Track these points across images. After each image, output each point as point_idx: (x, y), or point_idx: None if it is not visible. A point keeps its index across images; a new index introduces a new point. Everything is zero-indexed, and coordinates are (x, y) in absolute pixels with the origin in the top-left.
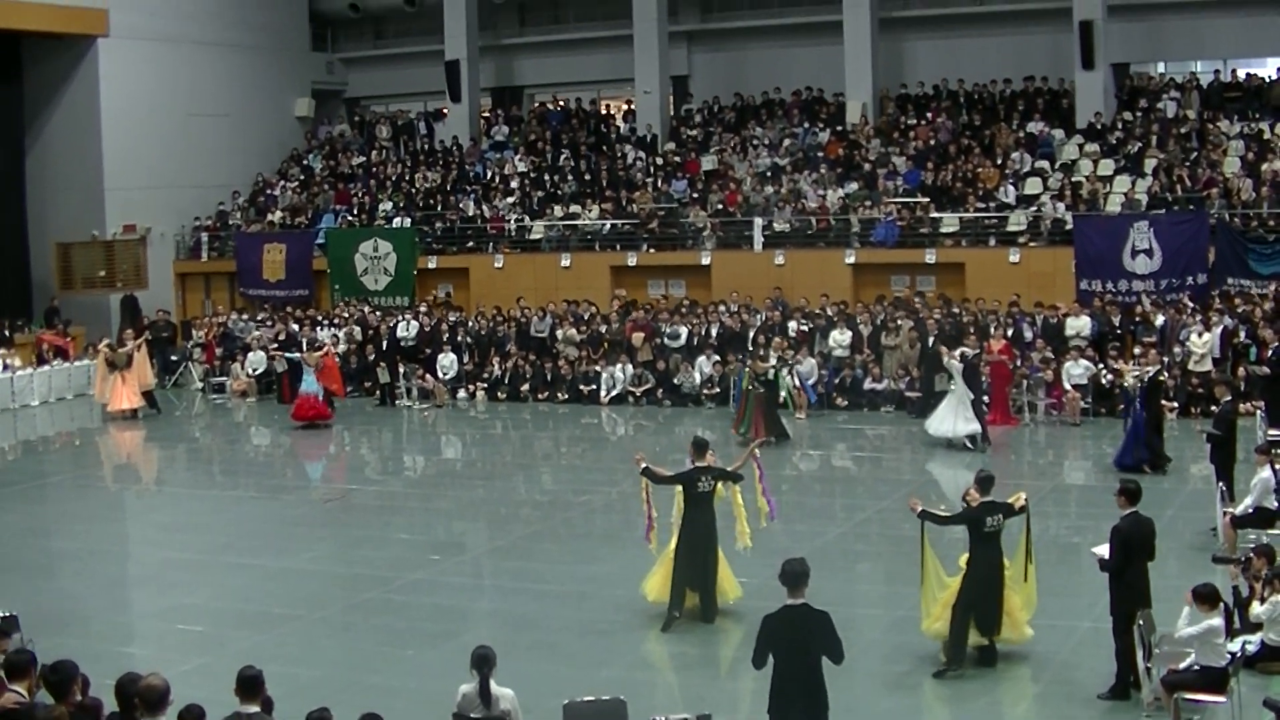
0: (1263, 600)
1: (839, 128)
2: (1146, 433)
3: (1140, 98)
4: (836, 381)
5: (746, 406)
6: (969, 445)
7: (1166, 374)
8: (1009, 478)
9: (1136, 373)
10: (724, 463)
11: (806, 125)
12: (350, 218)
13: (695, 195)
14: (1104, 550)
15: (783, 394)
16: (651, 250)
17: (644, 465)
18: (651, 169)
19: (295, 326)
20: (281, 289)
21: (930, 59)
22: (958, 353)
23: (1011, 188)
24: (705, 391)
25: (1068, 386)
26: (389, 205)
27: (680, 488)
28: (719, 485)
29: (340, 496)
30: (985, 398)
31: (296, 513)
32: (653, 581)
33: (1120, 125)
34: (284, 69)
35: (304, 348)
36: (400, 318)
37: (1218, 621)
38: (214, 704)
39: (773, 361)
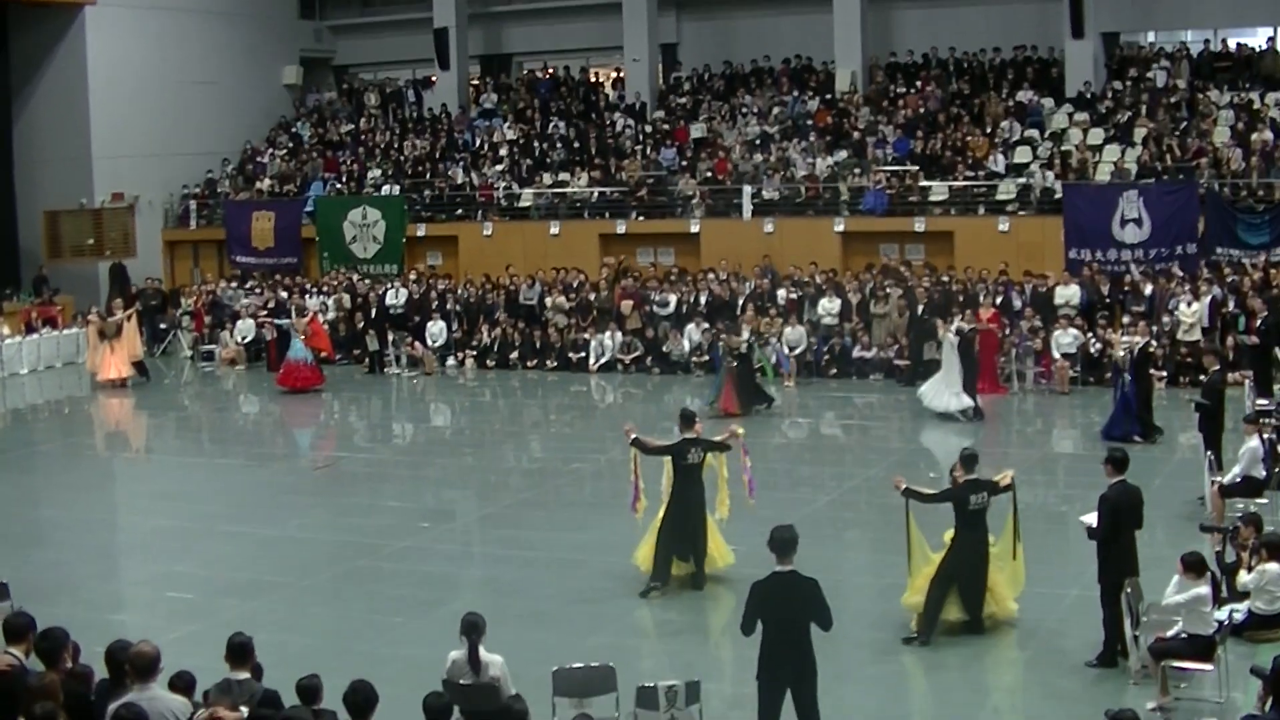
0: (1250, 569)
1: (828, 96)
2: (1137, 405)
3: (1130, 67)
4: (825, 350)
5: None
6: (960, 417)
7: (1155, 345)
8: (998, 447)
9: (1126, 343)
10: (711, 434)
11: (796, 94)
12: (339, 186)
13: (684, 163)
14: (1092, 519)
15: (760, 364)
16: (640, 218)
17: (634, 436)
18: (640, 137)
19: (284, 294)
20: (270, 257)
21: (919, 28)
22: (953, 326)
23: (1001, 157)
24: (694, 359)
25: (1056, 356)
26: (378, 173)
27: (669, 459)
28: (708, 456)
29: (330, 464)
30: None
31: (286, 480)
32: (643, 550)
33: (1110, 94)
34: (272, 37)
35: (292, 315)
36: (389, 286)
37: (1205, 590)
38: (204, 670)
39: (746, 335)
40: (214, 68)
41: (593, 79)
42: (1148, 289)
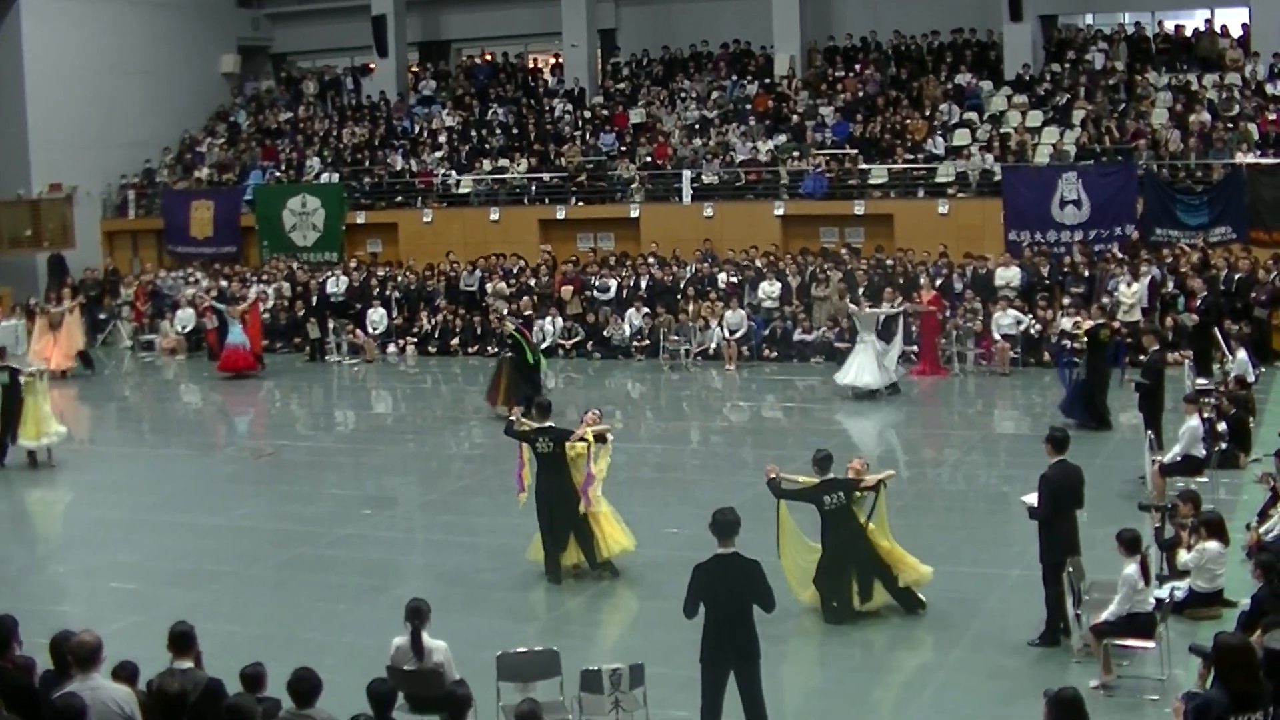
0: (1189, 547)
1: (767, 80)
2: (1087, 391)
3: (1068, 49)
4: (766, 333)
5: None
6: (885, 392)
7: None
8: (939, 428)
9: (1090, 325)
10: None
11: (734, 78)
12: (278, 174)
13: (624, 148)
14: (1033, 499)
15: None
16: (580, 204)
17: (509, 418)
18: (579, 123)
19: (225, 283)
20: (209, 246)
21: (857, 11)
22: (883, 307)
23: (940, 139)
24: (635, 344)
25: (997, 337)
26: (316, 161)
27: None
28: (567, 446)
29: (272, 452)
30: (915, 348)
31: (228, 470)
32: (534, 546)
33: (1048, 77)
34: (209, 25)
35: (231, 302)
36: (329, 273)
37: (1132, 569)
38: (147, 661)
39: (509, 324)
40: (151, 57)
41: (531, 65)
42: (1087, 270)
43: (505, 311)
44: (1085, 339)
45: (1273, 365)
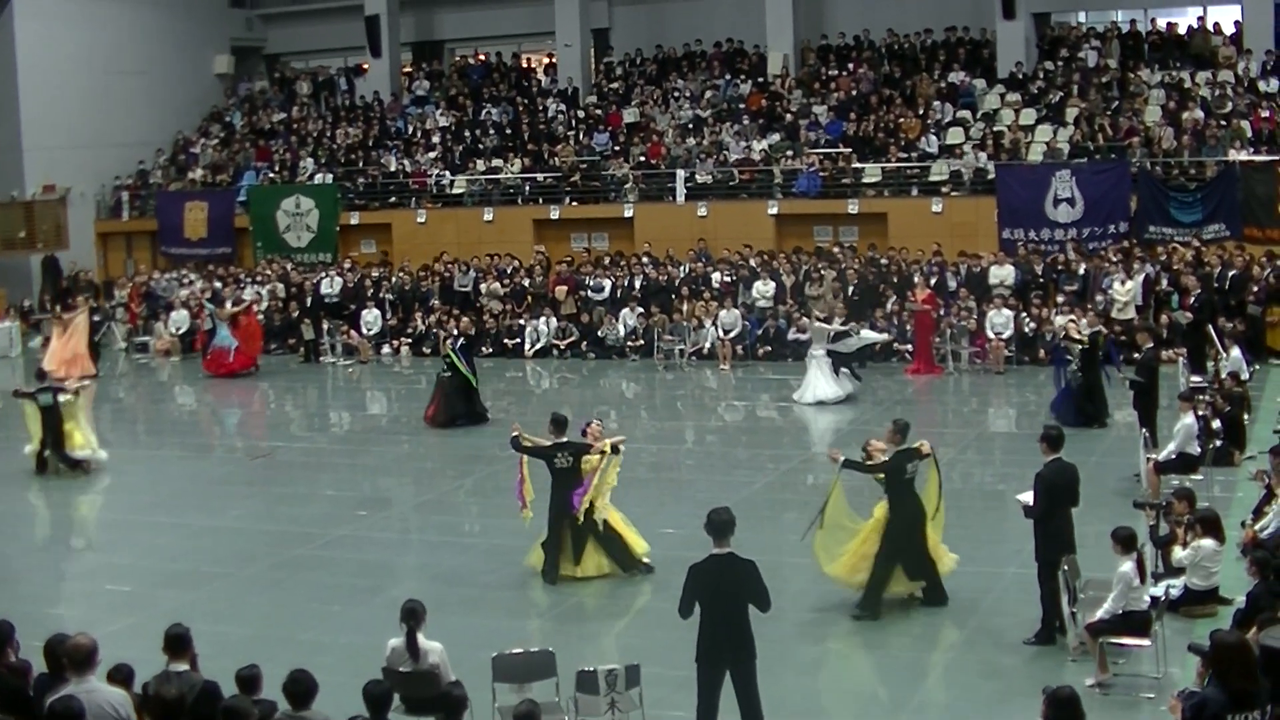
0: (1184, 545)
1: (760, 79)
2: (1079, 394)
3: (1061, 47)
4: (760, 332)
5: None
6: (856, 383)
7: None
8: (934, 426)
9: (1086, 332)
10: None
11: (728, 77)
12: (272, 175)
13: (617, 148)
14: (1028, 497)
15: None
16: (574, 203)
17: (514, 434)
18: (573, 122)
19: (219, 284)
20: (203, 247)
21: (851, 10)
22: (834, 323)
23: (933, 138)
24: (629, 344)
25: (991, 335)
26: (310, 162)
27: (544, 462)
28: (583, 460)
29: (267, 453)
30: (909, 346)
31: (222, 471)
32: (534, 553)
33: (1041, 75)
34: (203, 25)
35: (226, 304)
36: (323, 274)
37: (1127, 567)
38: (143, 663)
39: (446, 345)
40: (145, 57)
41: (525, 65)
42: (1081, 268)
43: (455, 332)
44: (1085, 344)
45: (1267, 362)
